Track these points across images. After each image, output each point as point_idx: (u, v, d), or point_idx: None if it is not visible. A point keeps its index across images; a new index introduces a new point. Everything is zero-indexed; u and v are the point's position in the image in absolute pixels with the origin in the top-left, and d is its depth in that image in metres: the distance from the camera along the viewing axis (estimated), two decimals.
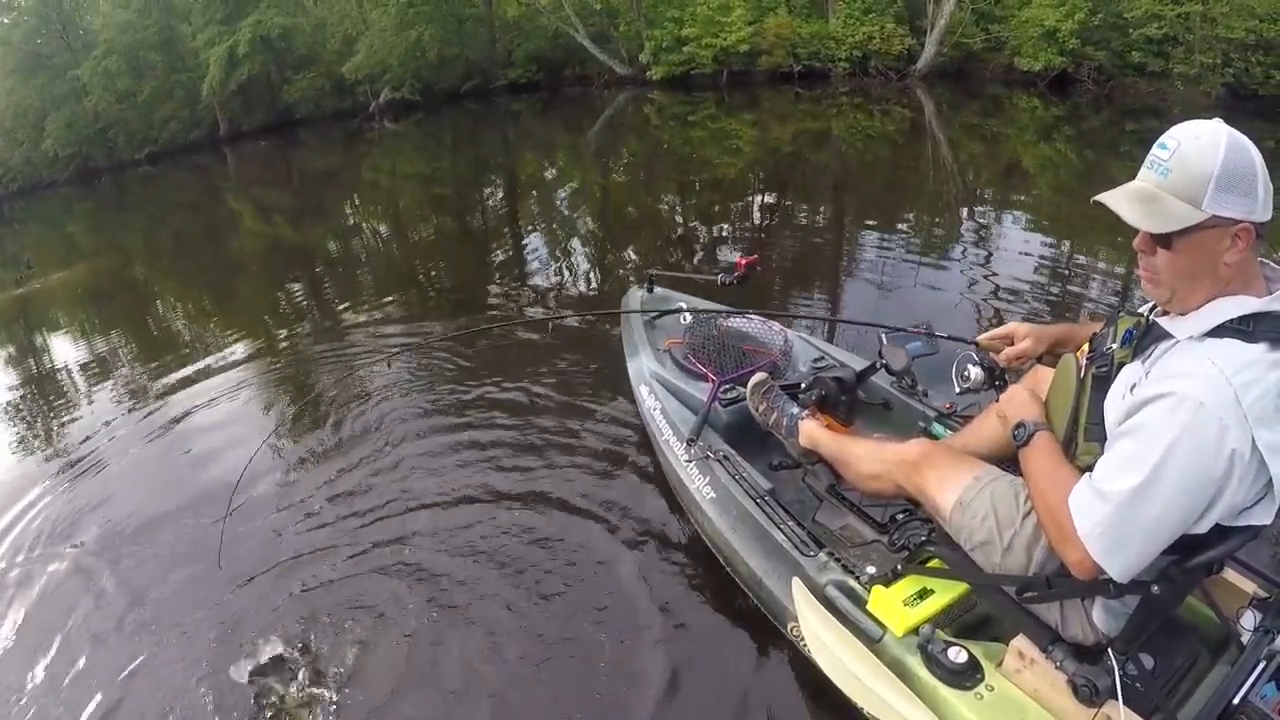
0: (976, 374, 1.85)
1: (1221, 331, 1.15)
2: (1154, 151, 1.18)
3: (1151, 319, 1.29)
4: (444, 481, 3.08)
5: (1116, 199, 1.19)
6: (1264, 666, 1.33)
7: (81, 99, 18.48)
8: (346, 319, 5.51)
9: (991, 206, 7.22)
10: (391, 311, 5.52)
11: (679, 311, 2.95)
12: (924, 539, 1.70)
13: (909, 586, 1.65)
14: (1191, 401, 1.09)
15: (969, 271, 5.07)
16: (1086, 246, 5.56)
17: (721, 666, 2.08)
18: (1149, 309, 1.34)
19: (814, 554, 1.84)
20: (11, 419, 4.75)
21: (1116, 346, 1.33)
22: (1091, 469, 1.22)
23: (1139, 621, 1.30)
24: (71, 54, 18.87)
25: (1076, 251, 5.51)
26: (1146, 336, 1.27)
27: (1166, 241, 1.16)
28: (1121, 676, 1.29)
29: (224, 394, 4.36)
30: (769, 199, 8.24)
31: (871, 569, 1.78)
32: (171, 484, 3.44)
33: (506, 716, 2.03)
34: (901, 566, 1.70)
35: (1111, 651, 1.32)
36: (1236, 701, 1.29)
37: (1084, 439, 1.30)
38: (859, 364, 2.46)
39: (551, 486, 2.94)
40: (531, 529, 2.72)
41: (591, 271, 6.26)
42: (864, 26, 14.68)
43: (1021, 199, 7.37)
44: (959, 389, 1.89)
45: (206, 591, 2.63)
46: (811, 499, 2.12)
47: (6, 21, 19.53)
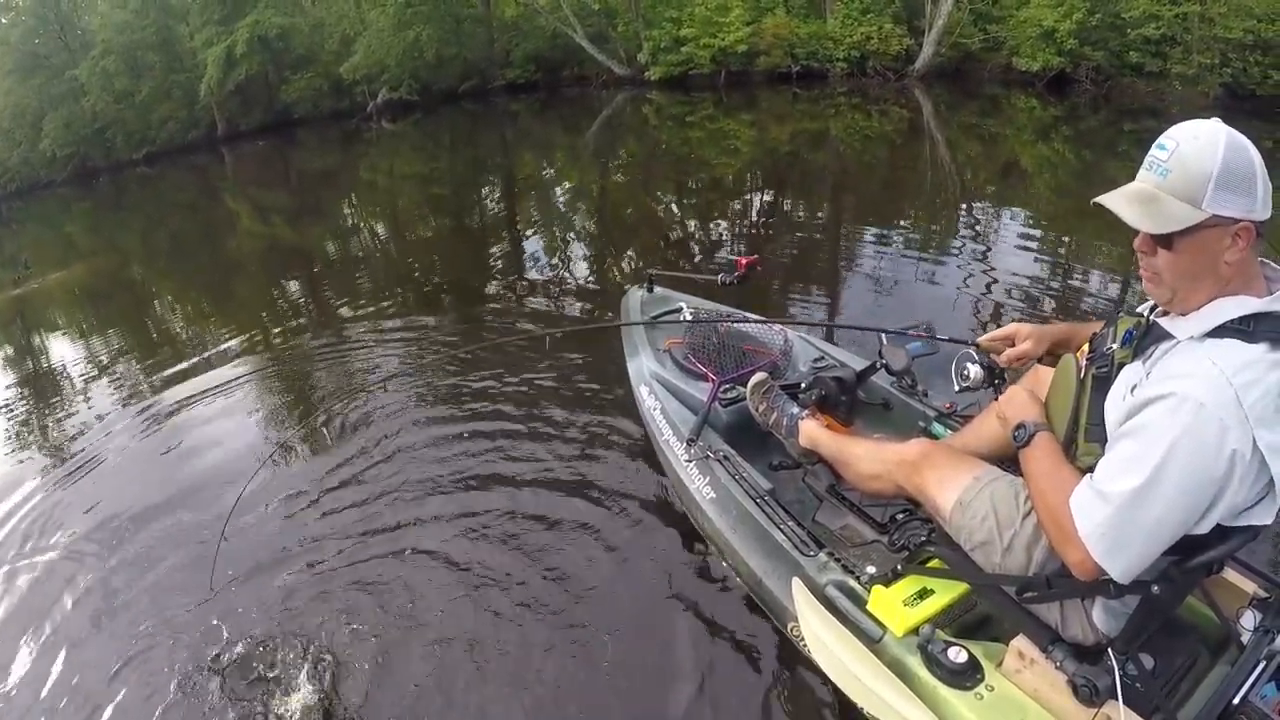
0: (976, 373, 1.85)
1: (1222, 332, 1.14)
2: (1152, 152, 1.17)
3: (1152, 319, 1.29)
4: (441, 480, 3.08)
5: (1116, 201, 1.19)
6: (1264, 666, 1.33)
7: (79, 99, 18.47)
8: (345, 319, 5.50)
9: (990, 205, 7.22)
10: (390, 311, 5.51)
11: (679, 311, 2.95)
12: (924, 539, 1.70)
13: (909, 586, 1.65)
14: (1192, 402, 1.09)
15: (967, 271, 5.07)
16: (1085, 246, 5.57)
17: (722, 666, 2.08)
18: (1149, 309, 1.34)
19: (814, 554, 1.84)
20: (10, 418, 4.74)
21: (1117, 347, 1.33)
22: (1092, 470, 1.22)
23: (1139, 621, 1.30)
24: (69, 54, 18.85)
25: (1075, 251, 5.52)
26: (1147, 337, 1.27)
27: (1167, 242, 1.16)
28: (1121, 676, 1.29)
29: (221, 393, 4.36)
30: (767, 199, 8.24)
31: (871, 569, 1.78)
32: (168, 482, 3.44)
33: (506, 716, 2.03)
34: (901, 566, 1.70)
35: (1111, 651, 1.32)
36: (1236, 701, 1.29)
37: (1084, 440, 1.30)
38: (859, 364, 2.46)
39: (550, 487, 2.94)
40: (530, 529, 2.72)
41: (590, 271, 6.24)
42: (862, 27, 14.67)
43: (1019, 199, 7.37)
44: (958, 388, 1.89)
45: (201, 589, 2.63)
46: (811, 499, 2.13)
47: (4, 21, 19.52)
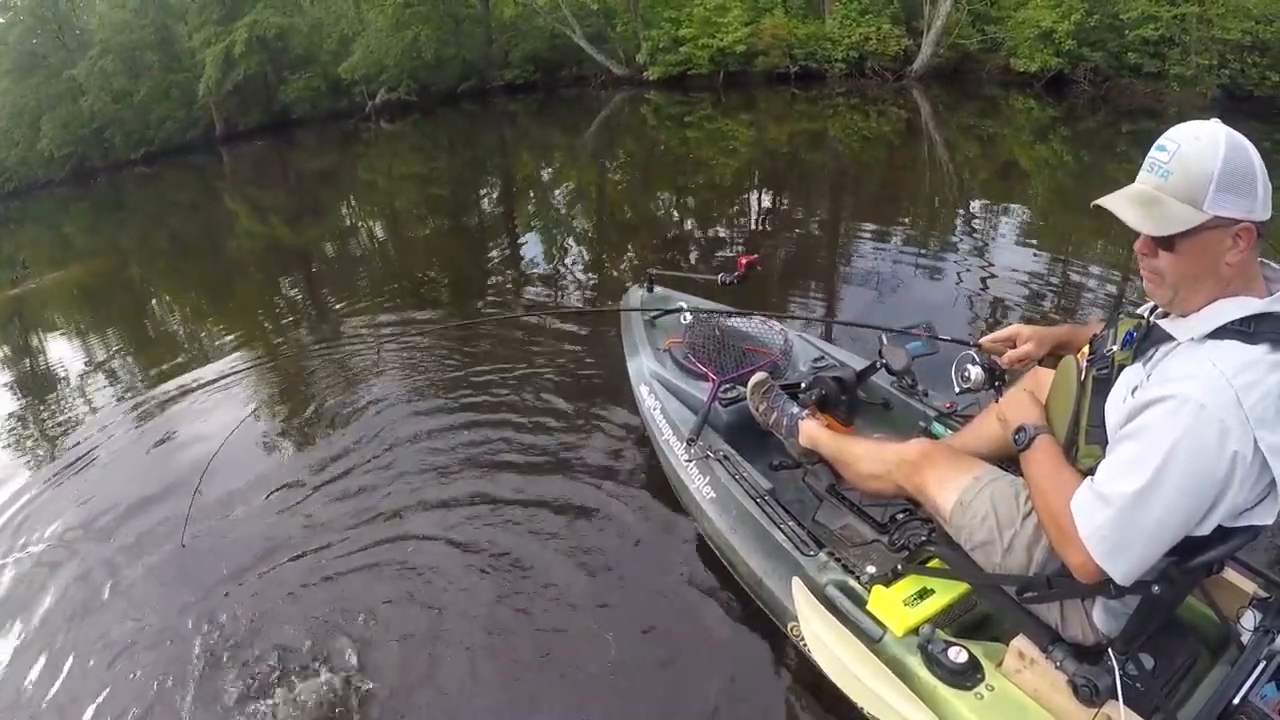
0: (976, 374, 1.84)
1: (1223, 333, 1.14)
2: (1153, 154, 1.17)
3: (1152, 321, 1.29)
4: (439, 479, 3.08)
5: (1117, 203, 1.19)
6: (1264, 666, 1.33)
7: (77, 99, 18.38)
8: (343, 318, 5.49)
9: (988, 205, 7.24)
10: (389, 311, 5.51)
11: (679, 311, 2.95)
12: (924, 539, 1.70)
13: (909, 586, 1.66)
14: (1193, 404, 1.09)
15: (966, 271, 5.08)
16: (1083, 247, 5.58)
17: (721, 666, 2.08)
18: (1149, 310, 1.34)
19: (814, 554, 1.84)
20: (7, 417, 4.72)
21: (1117, 349, 1.33)
22: (1093, 472, 1.22)
23: (1139, 621, 1.30)
24: (67, 54, 18.76)
25: (1074, 252, 5.52)
26: (1147, 339, 1.27)
27: (1169, 244, 1.16)
28: (1121, 676, 1.29)
29: (218, 389, 4.36)
30: (766, 199, 8.25)
31: (871, 569, 1.78)
32: (164, 476, 3.45)
33: (506, 714, 2.03)
34: (901, 566, 1.70)
35: (1111, 651, 1.32)
36: (1236, 701, 1.29)
37: (1085, 442, 1.30)
38: (859, 364, 2.46)
39: (549, 485, 2.94)
40: (529, 528, 2.72)
41: (590, 271, 6.25)
42: (860, 27, 14.66)
43: (1018, 199, 7.38)
44: (959, 389, 1.89)
45: (194, 582, 2.64)
46: (811, 499, 2.13)
47: (2, 21, 19.39)
